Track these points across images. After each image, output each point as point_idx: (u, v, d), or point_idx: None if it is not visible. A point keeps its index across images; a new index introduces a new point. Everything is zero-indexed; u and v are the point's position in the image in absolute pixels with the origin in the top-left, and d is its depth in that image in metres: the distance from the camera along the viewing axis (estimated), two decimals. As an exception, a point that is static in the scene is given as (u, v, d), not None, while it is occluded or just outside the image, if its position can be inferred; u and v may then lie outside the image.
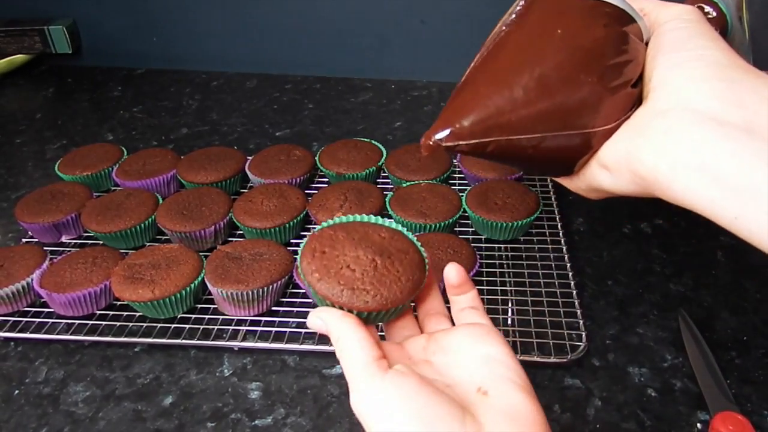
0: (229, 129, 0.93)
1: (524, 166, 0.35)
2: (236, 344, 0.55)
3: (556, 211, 0.69)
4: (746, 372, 0.51)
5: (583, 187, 0.37)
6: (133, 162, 0.76)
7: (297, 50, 1.07)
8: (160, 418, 0.50)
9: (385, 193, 0.68)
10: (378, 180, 0.76)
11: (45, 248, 0.64)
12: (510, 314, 0.57)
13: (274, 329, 0.56)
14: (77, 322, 0.58)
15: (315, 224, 0.68)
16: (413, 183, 0.69)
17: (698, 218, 0.30)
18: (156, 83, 1.09)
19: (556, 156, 0.33)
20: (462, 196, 0.67)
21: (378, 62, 1.05)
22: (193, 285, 0.57)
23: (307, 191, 0.74)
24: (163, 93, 1.06)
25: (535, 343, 0.53)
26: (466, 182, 0.75)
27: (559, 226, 0.67)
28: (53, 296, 0.56)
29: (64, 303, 0.57)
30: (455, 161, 0.75)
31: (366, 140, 0.78)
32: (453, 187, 0.69)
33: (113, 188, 0.77)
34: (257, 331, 0.56)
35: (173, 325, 0.57)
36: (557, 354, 0.52)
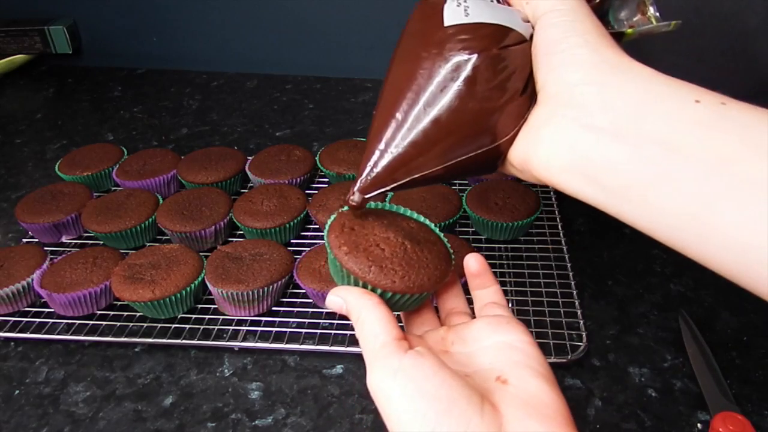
0: (230, 129, 0.93)
1: (448, 181, 0.36)
2: (236, 344, 0.55)
3: (557, 211, 0.69)
4: (746, 372, 0.51)
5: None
6: (134, 162, 0.76)
7: (297, 50, 1.07)
8: (161, 418, 0.50)
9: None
10: (378, 180, 0.76)
11: (45, 248, 0.65)
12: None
13: (275, 329, 0.56)
14: (77, 322, 0.58)
15: (315, 224, 0.68)
16: (413, 183, 0.69)
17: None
18: (156, 83, 1.09)
19: (472, 169, 0.35)
20: (462, 196, 0.67)
21: (378, 62, 1.04)
22: (194, 285, 0.57)
23: (308, 191, 0.74)
24: (164, 93, 1.06)
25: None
26: (466, 182, 0.75)
27: (560, 226, 0.67)
28: (53, 296, 0.56)
29: (65, 303, 0.57)
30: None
31: (366, 140, 0.78)
32: (453, 187, 0.69)
33: (113, 188, 0.77)
34: (257, 331, 0.56)
35: (173, 325, 0.57)
36: (557, 354, 0.52)
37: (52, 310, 0.59)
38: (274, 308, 0.59)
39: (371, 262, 0.33)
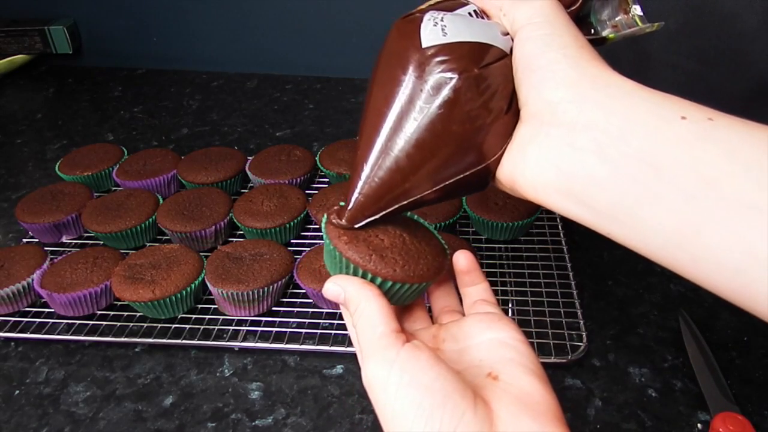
0: (230, 129, 0.93)
1: (440, 202, 0.35)
2: (237, 344, 0.55)
3: (557, 211, 0.69)
4: (747, 372, 0.51)
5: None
6: (134, 162, 0.76)
7: (297, 50, 1.07)
8: (161, 419, 0.50)
9: (386, 193, 0.68)
10: (378, 180, 0.76)
11: (45, 248, 0.65)
12: (510, 314, 0.57)
13: (275, 329, 0.56)
14: (78, 323, 0.58)
15: (315, 224, 0.68)
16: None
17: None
18: (156, 83, 1.09)
19: (462, 190, 0.34)
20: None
21: (378, 62, 1.05)
22: (194, 285, 0.57)
23: (308, 191, 0.74)
24: (164, 93, 1.06)
25: (536, 344, 0.53)
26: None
27: (560, 226, 0.67)
28: (54, 296, 0.56)
29: (65, 303, 0.57)
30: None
31: (366, 140, 0.78)
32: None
33: (114, 188, 0.77)
34: (258, 332, 0.56)
35: (174, 326, 0.57)
36: (557, 354, 0.52)
37: (52, 310, 0.59)
38: (274, 308, 0.59)
39: (371, 251, 0.33)
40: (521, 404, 0.28)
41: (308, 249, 0.61)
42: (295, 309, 0.59)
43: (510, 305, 0.58)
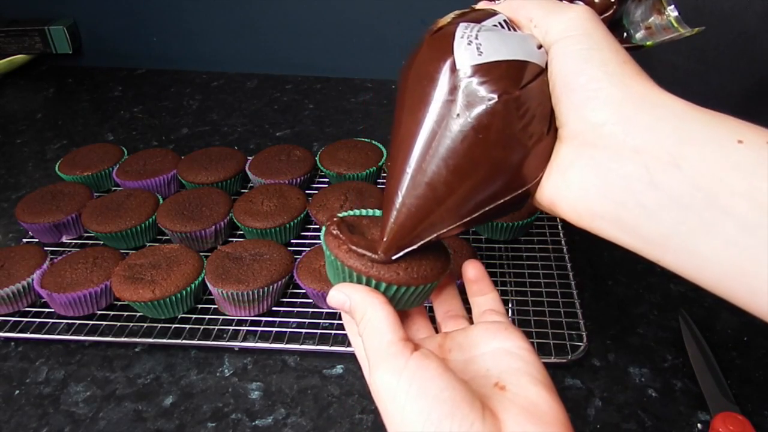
0: (230, 129, 0.93)
1: (476, 226, 0.34)
2: (237, 344, 0.55)
3: (557, 211, 0.69)
4: (747, 372, 0.51)
5: None
6: (134, 162, 0.76)
7: (297, 50, 1.07)
8: (161, 418, 0.50)
9: (386, 193, 0.68)
10: (378, 180, 0.76)
11: (45, 248, 0.65)
12: (510, 314, 0.57)
13: (275, 329, 0.56)
14: (78, 322, 0.58)
15: (315, 224, 0.68)
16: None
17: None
18: (156, 83, 1.09)
19: (499, 215, 0.33)
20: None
21: (378, 62, 1.05)
22: (194, 285, 0.57)
23: (308, 191, 0.74)
24: (164, 93, 1.06)
25: (536, 344, 0.53)
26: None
27: (560, 226, 0.67)
28: (54, 296, 0.56)
29: (65, 303, 0.57)
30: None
31: (366, 140, 0.78)
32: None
33: (114, 188, 0.77)
34: (258, 331, 0.56)
35: (174, 326, 0.57)
36: (558, 354, 0.52)
37: (52, 310, 0.59)
38: (274, 308, 0.59)
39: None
40: (529, 414, 0.28)
41: (308, 249, 0.61)
42: (295, 309, 0.59)
43: (510, 305, 0.58)
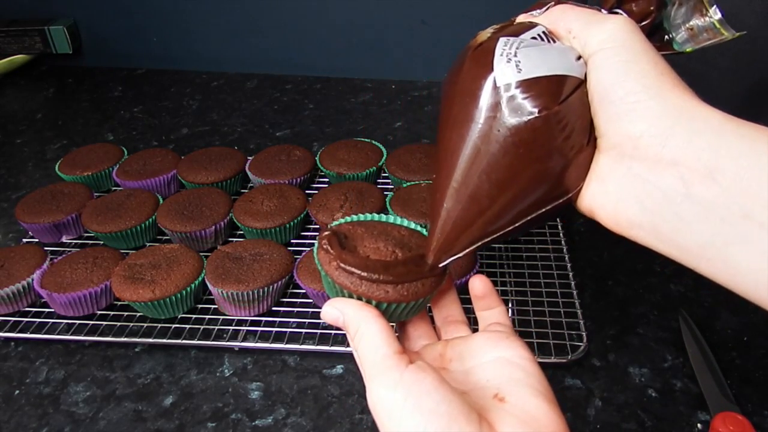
0: (230, 129, 0.93)
1: (518, 233, 0.35)
2: (237, 344, 0.55)
3: (557, 211, 0.69)
4: (747, 372, 0.51)
5: None
6: (134, 162, 0.76)
7: (297, 50, 1.08)
8: (161, 418, 0.50)
9: (386, 194, 0.68)
10: (378, 180, 0.76)
11: (45, 248, 0.65)
12: (510, 314, 0.57)
13: (275, 329, 0.56)
14: (78, 323, 0.58)
15: (315, 224, 0.68)
16: (414, 183, 0.69)
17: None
18: (156, 83, 1.09)
19: (541, 221, 0.34)
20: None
21: (378, 62, 1.05)
22: (194, 285, 0.57)
23: (308, 191, 0.74)
24: (164, 93, 1.06)
25: (536, 344, 0.53)
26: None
27: (560, 226, 0.67)
28: (54, 296, 0.56)
29: (65, 303, 0.57)
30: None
31: (366, 140, 0.78)
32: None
33: (114, 188, 0.77)
34: (257, 332, 0.56)
35: (174, 326, 0.57)
36: (557, 354, 0.52)
37: (52, 310, 0.59)
38: (274, 308, 0.59)
39: None
40: (527, 427, 0.28)
41: (308, 249, 0.61)
42: (295, 309, 0.59)
43: (510, 305, 0.58)
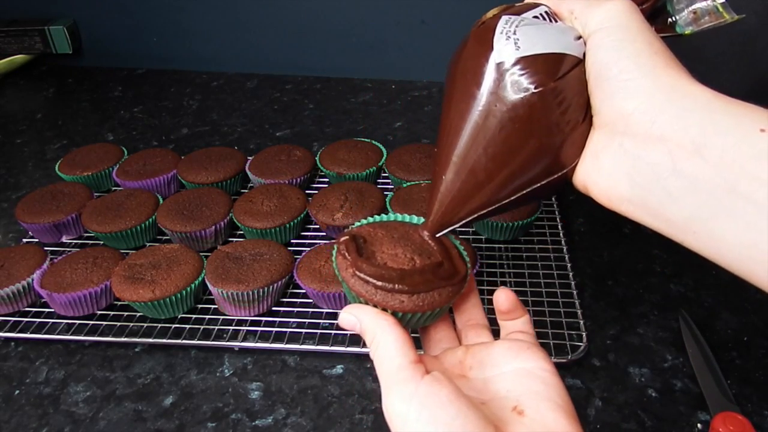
0: (230, 129, 0.93)
1: (515, 208, 0.36)
2: (237, 344, 0.55)
3: (557, 211, 0.69)
4: (747, 372, 0.51)
5: None
6: (134, 162, 0.76)
7: (297, 50, 1.07)
8: (161, 418, 0.50)
9: (386, 194, 0.68)
10: (378, 180, 0.76)
11: (45, 248, 0.65)
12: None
13: (275, 329, 0.56)
14: (78, 323, 0.58)
15: (315, 224, 0.68)
16: (414, 183, 0.69)
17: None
18: (156, 83, 1.09)
19: (535, 198, 0.35)
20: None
21: (378, 62, 1.05)
22: (194, 285, 0.57)
23: (308, 191, 0.74)
24: (164, 93, 1.06)
25: (536, 344, 0.53)
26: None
27: (560, 226, 0.67)
28: (54, 296, 0.56)
29: (65, 303, 0.57)
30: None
31: (366, 140, 0.78)
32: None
33: (114, 188, 0.77)
34: (258, 332, 0.56)
35: (174, 326, 0.57)
36: (558, 354, 0.52)
37: (52, 310, 0.59)
38: (274, 308, 0.59)
39: None
40: None
41: (308, 249, 0.61)
42: (295, 309, 0.59)
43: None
